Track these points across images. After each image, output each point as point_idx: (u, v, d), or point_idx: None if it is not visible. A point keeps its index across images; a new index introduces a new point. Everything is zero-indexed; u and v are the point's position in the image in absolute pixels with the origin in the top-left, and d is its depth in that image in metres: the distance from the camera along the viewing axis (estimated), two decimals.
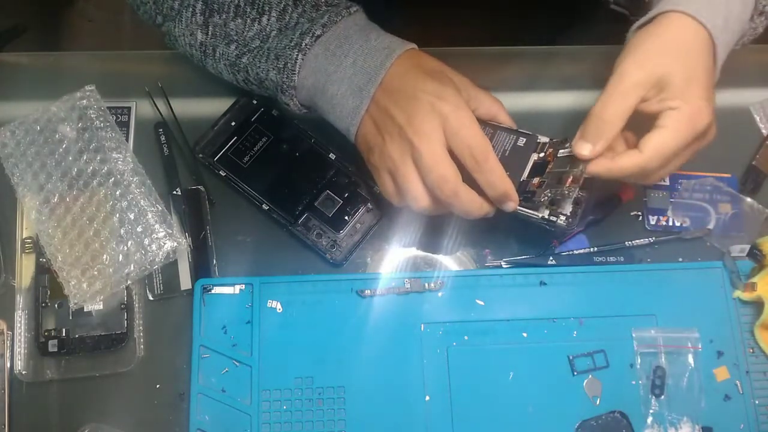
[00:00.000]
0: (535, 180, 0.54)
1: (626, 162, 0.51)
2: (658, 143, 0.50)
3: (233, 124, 0.66)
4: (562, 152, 0.54)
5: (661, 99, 0.50)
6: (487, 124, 0.57)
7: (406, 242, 0.64)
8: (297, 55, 0.56)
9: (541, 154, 0.55)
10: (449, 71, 0.55)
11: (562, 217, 0.52)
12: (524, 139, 0.56)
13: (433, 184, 0.52)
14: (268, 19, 0.58)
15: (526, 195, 0.54)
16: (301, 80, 0.57)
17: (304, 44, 0.55)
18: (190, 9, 0.60)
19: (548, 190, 0.53)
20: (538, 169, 0.55)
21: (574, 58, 0.74)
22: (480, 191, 0.53)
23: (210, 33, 0.60)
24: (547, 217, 0.53)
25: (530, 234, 0.63)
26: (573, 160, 0.53)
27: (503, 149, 0.56)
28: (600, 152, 0.51)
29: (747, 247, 0.63)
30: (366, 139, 0.55)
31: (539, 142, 0.56)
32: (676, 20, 0.52)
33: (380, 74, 0.54)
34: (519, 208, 0.53)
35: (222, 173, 0.64)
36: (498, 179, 0.52)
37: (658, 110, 0.51)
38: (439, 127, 0.51)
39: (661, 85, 0.50)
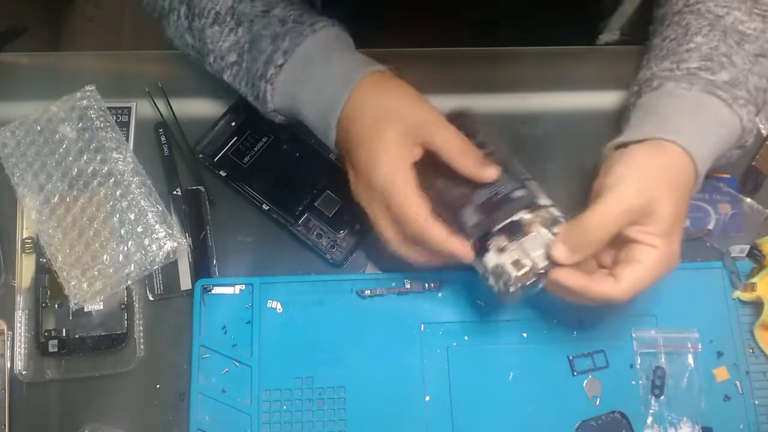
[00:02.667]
0: (502, 240, 0.50)
1: (602, 287, 0.49)
2: (636, 278, 0.49)
3: (233, 124, 0.66)
4: (542, 233, 0.50)
5: (646, 232, 0.49)
6: (499, 160, 0.52)
7: None
8: (265, 85, 0.55)
9: (527, 216, 0.51)
10: (406, 106, 0.51)
11: (501, 288, 0.50)
12: (522, 193, 0.51)
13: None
14: (242, 31, 0.57)
15: (484, 244, 0.51)
16: (277, 105, 0.57)
17: (269, 75, 0.55)
18: (176, 12, 0.60)
19: (510, 260, 0.49)
20: (514, 227, 0.51)
21: (574, 58, 0.74)
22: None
23: (197, 38, 0.60)
24: (485, 277, 0.50)
25: None
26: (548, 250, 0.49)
27: (495, 192, 0.51)
28: (574, 263, 0.49)
29: (747, 247, 0.63)
30: (343, 163, 0.55)
31: (534, 203, 0.51)
32: (669, 149, 0.51)
33: (338, 106, 0.52)
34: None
35: (222, 173, 0.64)
36: (442, 245, 0.49)
37: (638, 240, 0.50)
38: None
39: (651, 216, 0.49)
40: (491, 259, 0.50)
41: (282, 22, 0.56)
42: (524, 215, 0.50)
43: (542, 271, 0.49)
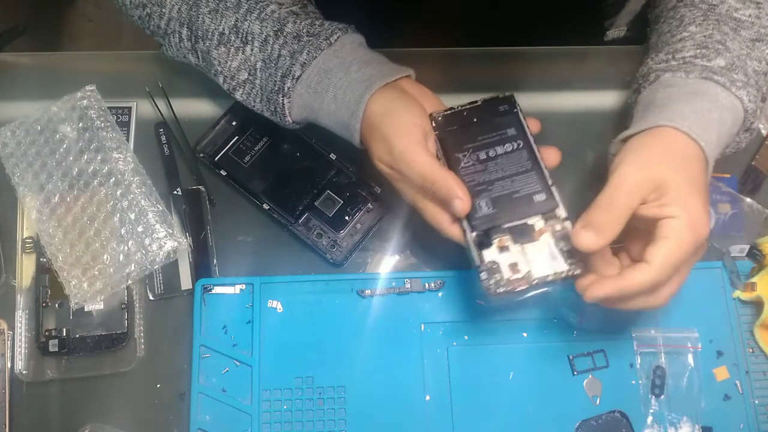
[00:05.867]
0: (507, 239, 0.49)
1: (636, 278, 0.47)
2: (666, 253, 0.47)
3: (234, 123, 0.66)
4: (559, 271, 0.49)
5: (661, 204, 0.48)
6: (533, 156, 0.52)
7: (406, 242, 0.64)
8: (282, 99, 0.55)
9: (540, 223, 0.50)
10: (416, 113, 0.52)
11: (490, 284, 0.48)
12: (542, 198, 0.50)
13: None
14: (252, 50, 0.57)
15: (488, 238, 0.50)
16: (295, 117, 0.57)
17: (286, 88, 0.55)
18: (177, 35, 0.60)
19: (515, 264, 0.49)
20: (522, 230, 0.50)
21: (574, 58, 0.74)
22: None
23: (201, 58, 0.60)
24: (479, 269, 0.48)
25: None
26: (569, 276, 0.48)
27: (516, 190, 0.51)
28: (602, 246, 0.47)
29: (747, 247, 0.63)
30: (374, 163, 0.54)
31: (552, 212, 0.50)
32: (671, 134, 0.51)
33: (360, 107, 0.52)
34: (470, 240, 0.50)
35: (222, 173, 0.64)
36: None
37: (656, 216, 0.48)
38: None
39: (662, 190, 0.48)
40: (490, 254, 0.49)
41: (297, 39, 0.56)
42: (537, 221, 0.50)
43: (535, 281, 0.48)
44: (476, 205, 0.50)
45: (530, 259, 0.49)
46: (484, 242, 0.49)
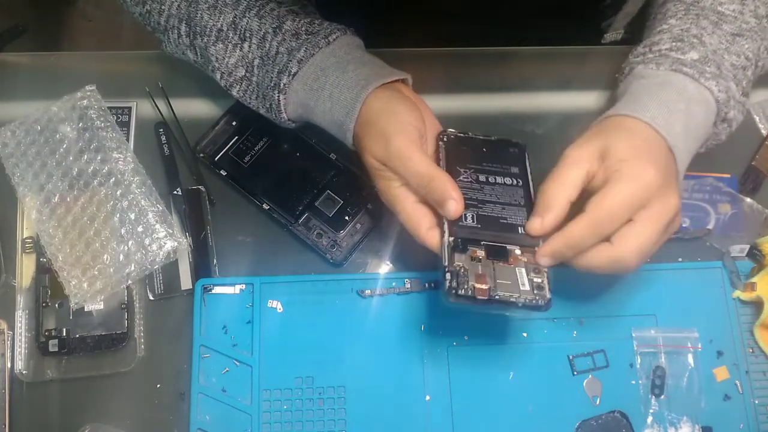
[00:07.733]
0: (481, 253, 0.50)
1: (573, 226, 0.48)
2: (597, 202, 0.47)
3: (234, 123, 0.66)
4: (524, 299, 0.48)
5: (606, 167, 0.48)
6: (528, 197, 0.53)
7: (406, 242, 0.64)
8: (278, 95, 0.55)
9: (518, 252, 0.50)
10: (411, 123, 0.52)
11: (453, 286, 0.48)
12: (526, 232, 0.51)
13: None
14: (249, 46, 0.57)
15: (464, 246, 0.50)
16: (290, 114, 0.57)
17: (282, 84, 0.55)
18: (176, 31, 0.60)
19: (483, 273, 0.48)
20: (499, 251, 0.50)
21: (574, 58, 0.74)
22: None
23: (199, 54, 0.60)
24: (445, 269, 0.49)
25: None
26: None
27: (504, 217, 0.51)
28: (550, 226, 0.49)
29: (747, 247, 0.63)
30: (364, 158, 0.54)
31: (532, 248, 0.50)
32: (634, 124, 0.51)
33: (356, 107, 0.52)
34: (445, 242, 0.50)
35: (222, 173, 0.64)
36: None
37: (605, 179, 0.48)
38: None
39: (604, 155, 0.49)
40: (461, 259, 0.49)
41: (296, 36, 0.56)
42: (515, 249, 0.50)
43: (497, 297, 0.48)
44: (462, 215, 0.50)
45: (498, 276, 0.49)
46: (458, 247, 0.50)
